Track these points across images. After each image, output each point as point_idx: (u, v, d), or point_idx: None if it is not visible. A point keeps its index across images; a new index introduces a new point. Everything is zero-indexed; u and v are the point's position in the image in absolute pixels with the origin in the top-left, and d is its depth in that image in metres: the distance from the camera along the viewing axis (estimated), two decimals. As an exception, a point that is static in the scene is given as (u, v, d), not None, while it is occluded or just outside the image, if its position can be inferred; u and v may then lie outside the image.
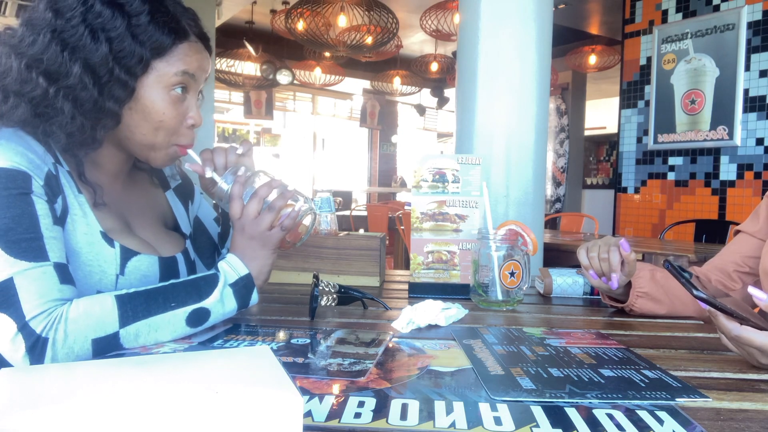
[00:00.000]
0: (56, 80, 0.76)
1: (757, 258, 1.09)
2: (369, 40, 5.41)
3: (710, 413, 0.59)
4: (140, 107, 0.82)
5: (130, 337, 0.75)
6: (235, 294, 0.85)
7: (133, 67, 0.79)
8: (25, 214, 0.72)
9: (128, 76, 0.79)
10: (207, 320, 0.82)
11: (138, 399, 0.40)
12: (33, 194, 0.73)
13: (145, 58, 0.79)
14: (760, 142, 3.70)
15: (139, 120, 0.82)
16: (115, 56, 0.77)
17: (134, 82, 0.80)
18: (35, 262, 0.70)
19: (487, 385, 0.65)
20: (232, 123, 11.09)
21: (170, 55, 0.82)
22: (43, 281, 0.70)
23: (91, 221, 0.81)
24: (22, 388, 0.43)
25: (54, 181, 0.77)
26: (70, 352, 0.70)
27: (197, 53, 0.85)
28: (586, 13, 6.40)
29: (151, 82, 0.81)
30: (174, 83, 0.82)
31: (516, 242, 1.11)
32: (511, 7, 1.96)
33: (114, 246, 0.82)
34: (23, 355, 0.68)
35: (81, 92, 0.76)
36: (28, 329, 0.68)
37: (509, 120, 1.96)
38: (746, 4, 3.75)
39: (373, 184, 11.17)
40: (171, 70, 0.82)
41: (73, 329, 0.70)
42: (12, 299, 0.68)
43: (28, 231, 0.71)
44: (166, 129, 0.84)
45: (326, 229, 1.39)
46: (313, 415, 0.56)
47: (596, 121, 9.10)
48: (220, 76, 6.79)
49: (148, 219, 0.95)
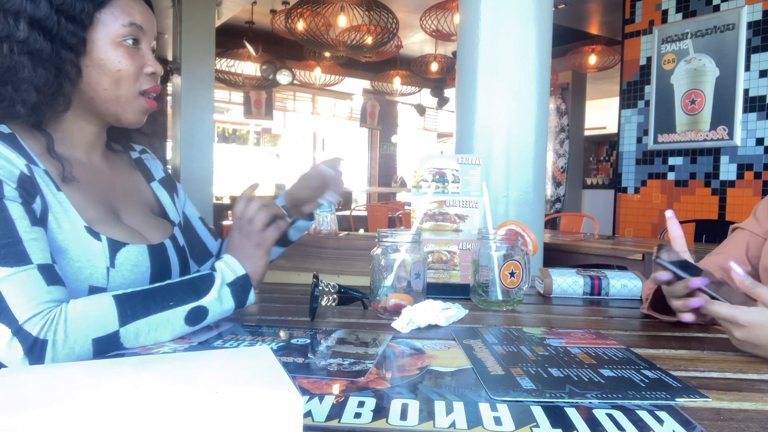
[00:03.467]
0: (7, 38, 0.78)
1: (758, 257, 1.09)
2: (369, 40, 5.41)
3: (710, 413, 0.59)
4: (96, 62, 0.85)
5: (130, 336, 0.75)
6: (232, 293, 0.85)
7: (78, 15, 0.82)
8: (1, 219, 0.71)
9: (75, 25, 0.82)
10: (205, 319, 0.83)
11: (138, 399, 0.40)
12: (5, 199, 0.73)
13: (86, 9, 0.83)
14: (760, 142, 3.70)
15: (98, 75, 0.86)
16: (57, 9, 0.81)
17: (83, 33, 0.83)
18: (17, 267, 0.70)
19: (487, 385, 0.65)
20: (232, 123, 11.10)
21: (111, 7, 0.86)
22: (30, 285, 0.70)
23: (73, 217, 0.81)
24: (22, 388, 0.43)
25: (28, 182, 0.76)
26: (71, 353, 0.70)
27: (138, 4, 0.90)
28: (586, 13, 6.40)
29: (101, 36, 0.85)
30: (123, 35, 0.86)
31: (516, 242, 1.11)
32: (511, 7, 1.96)
33: (101, 239, 0.82)
34: (21, 358, 0.67)
35: (34, 45, 0.79)
36: (23, 332, 0.67)
37: (509, 120, 1.96)
38: (746, 4, 3.75)
39: (373, 184, 11.17)
40: (117, 22, 0.86)
41: (73, 329, 0.70)
42: (1, 306, 0.68)
43: (5, 237, 0.71)
44: (126, 79, 0.87)
45: (326, 229, 1.38)
46: (313, 415, 0.56)
47: (596, 121, 9.10)
48: (220, 76, 6.78)
49: (135, 204, 0.96)
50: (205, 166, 4.82)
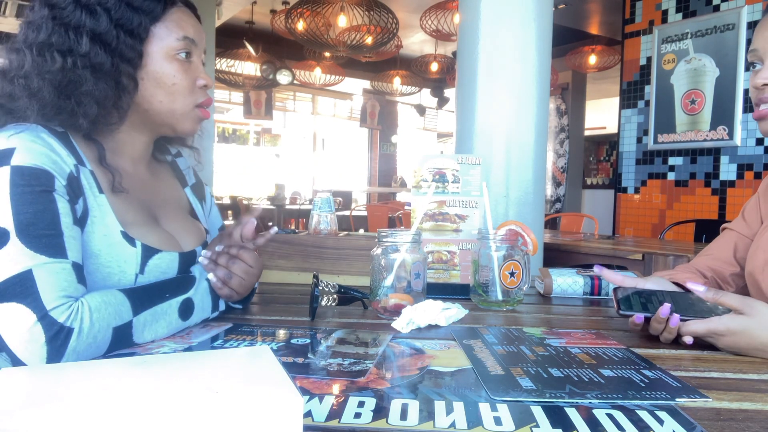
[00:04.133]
0: (70, 52, 0.80)
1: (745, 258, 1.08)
2: (369, 40, 5.41)
3: (710, 413, 0.59)
4: (151, 75, 0.88)
5: (139, 326, 0.77)
6: (210, 291, 0.92)
7: (135, 30, 0.85)
8: (47, 210, 0.73)
9: (133, 39, 0.85)
10: (193, 312, 0.87)
11: (138, 399, 0.40)
12: (55, 192, 0.74)
13: (143, 23, 0.86)
14: (760, 142, 3.70)
15: (153, 88, 0.89)
16: (117, 23, 0.83)
17: (140, 46, 0.86)
18: (55, 258, 0.71)
19: (487, 385, 0.65)
20: (232, 123, 11.09)
21: (166, 20, 0.89)
22: (62, 276, 0.71)
23: (111, 222, 0.82)
24: (22, 388, 0.43)
25: (75, 182, 0.78)
26: (93, 342, 0.71)
27: (190, 18, 0.93)
28: (586, 13, 6.40)
29: (156, 49, 0.88)
30: (177, 48, 0.89)
31: (516, 242, 1.11)
32: (511, 7, 1.96)
33: (135, 245, 0.84)
34: (42, 345, 0.67)
35: (95, 59, 0.81)
36: (48, 319, 0.67)
37: (509, 120, 1.96)
38: (746, 4, 3.75)
39: (373, 184, 11.17)
40: (172, 36, 0.89)
41: (97, 318, 0.72)
42: (30, 290, 0.68)
43: (49, 228, 0.72)
44: (181, 93, 0.91)
45: (326, 229, 1.38)
46: (313, 415, 0.56)
47: (596, 121, 9.10)
48: (220, 76, 6.79)
49: (173, 209, 0.99)
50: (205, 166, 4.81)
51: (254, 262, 0.95)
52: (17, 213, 0.70)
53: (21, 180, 0.72)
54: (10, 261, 0.68)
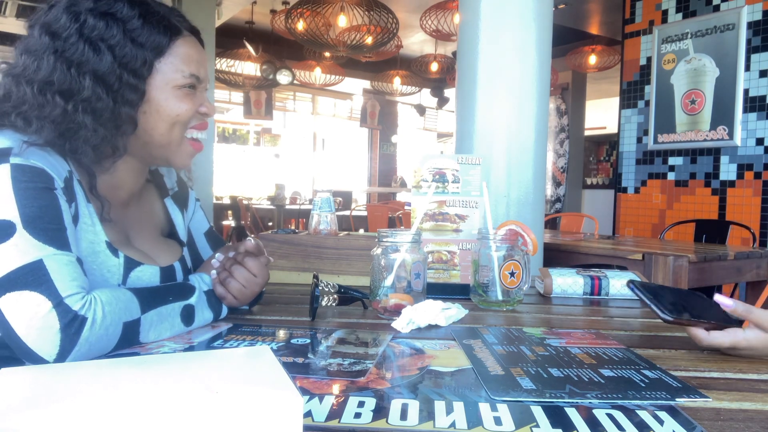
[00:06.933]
0: (71, 96, 0.78)
1: None
2: (369, 40, 5.41)
3: (710, 413, 0.59)
4: (154, 109, 0.85)
5: (146, 324, 0.77)
6: (208, 302, 0.90)
7: (139, 69, 0.82)
8: (51, 206, 0.73)
9: (137, 79, 0.82)
10: (193, 319, 0.86)
11: (138, 399, 0.40)
12: (56, 190, 0.75)
13: (148, 60, 0.82)
14: (760, 142, 3.70)
15: (155, 121, 0.86)
16: (120, 62, 0.80)
17: (143, 85, 0.83)
18: (62, 250, 0.71)
19: (487, 385, 0.65)
20: (232, 123, 11.10)
21: (171, 55, 0.85)
22: (72, 267, 0.71)
23: (98, 230, 0.82)
24: (22, 388, 0.43)
25: (69, 187, 0.78)
26: (104, 334, 0.71)
27: (194, 47, 0.89)
28: (586, 13, 6.40)
29: (159, 83, 0.84)
30: (182, 85, 0.86)
31: (516, 242, 1.11)
32: (512, 7, 1.96)
33: (118, 256, 0.83)
34: (56, 332, 0.66)
35: (97, 103, 0.79)
36: (64, 306, 0.67)
37: (509, 120, 1.96)
38: (746, 4, 3.75)
39: (373, 184, 11.17)
40: (178, 74, 0.85)
41: (109, 310, 0.72)
42: (44, 278, 0.68)
43: (54, 222, 0.72)
44: (181, 123, 0.88)
45: (326, 229, 1.38)
46: (313, 415, 0.56)
47: (596, 121, 9.11)
48: (220, 76, 6.79)
49: (146, 229, 0.96)
50: (204, 166, 4.82)
51: (258, 272, 0.93)
52: (23, 206, 0.70)
53: (23, 176, 0.72)
54: (19, 251, 0.68)
